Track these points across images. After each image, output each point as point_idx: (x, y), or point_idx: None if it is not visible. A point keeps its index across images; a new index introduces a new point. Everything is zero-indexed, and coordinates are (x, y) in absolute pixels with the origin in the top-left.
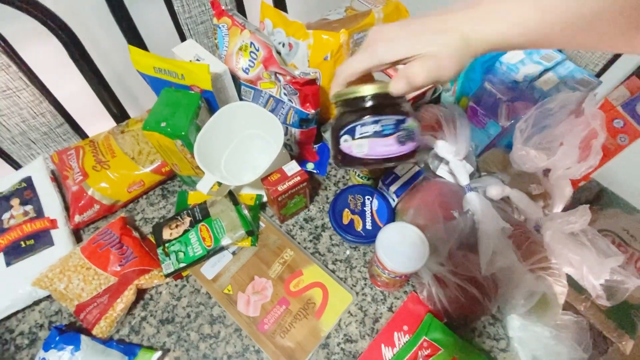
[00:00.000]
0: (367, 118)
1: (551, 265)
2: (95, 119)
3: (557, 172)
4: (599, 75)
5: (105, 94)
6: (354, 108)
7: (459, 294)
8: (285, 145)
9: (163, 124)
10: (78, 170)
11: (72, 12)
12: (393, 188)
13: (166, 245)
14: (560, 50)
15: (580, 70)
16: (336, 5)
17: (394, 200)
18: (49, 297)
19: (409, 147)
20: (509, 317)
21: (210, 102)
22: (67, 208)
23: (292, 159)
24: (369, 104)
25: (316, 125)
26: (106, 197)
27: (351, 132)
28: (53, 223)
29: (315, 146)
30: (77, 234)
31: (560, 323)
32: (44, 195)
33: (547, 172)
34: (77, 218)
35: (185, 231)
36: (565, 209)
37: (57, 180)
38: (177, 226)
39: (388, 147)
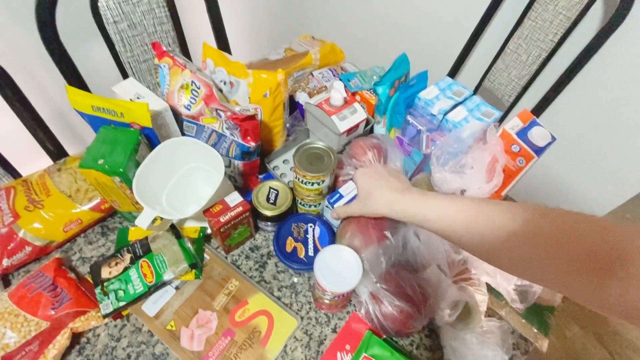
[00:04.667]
0: (268, 222)
1: (471, 276)
2: (31, 158)
3: (470, 192)
4: (513, 104)
5: (40, 133)
6: (261, 217)
7: (393, 309)
8: (229, 177)
9: (100, 161)
10: (8, 212)
11: (7, 54)
12: (337, 206)
13: (105, 284)
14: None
15: (485, 103)
16: (276, 46)
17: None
18: None
19: None
20: (442, 327)
21: (151, 139)
22: None
23: (236, 190)
24: (270, 217)
25: (259, 157)
26: (39, 238)
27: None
28: None
29: (260, 176)
30: (5, 279)
31: (486, 329)
32: None
33: (463, 192)
34: (6, 262)
35: (126, 268)
36: None
37: None
38: (116, 264)
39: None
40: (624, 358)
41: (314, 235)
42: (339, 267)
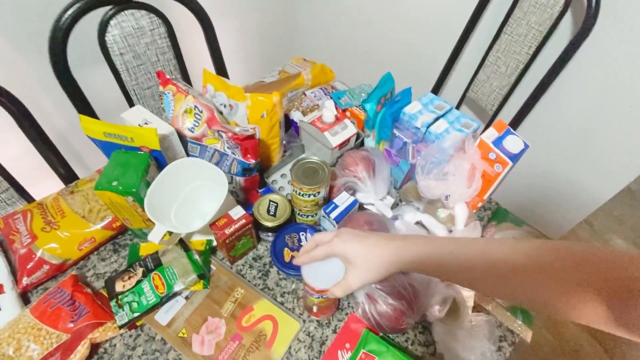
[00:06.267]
0: (269, 232)
1: None
2: (40, 181)
3: (454, 197)
4: (496, 113)
5: (52, 157)
6: (263, 229)
7: (387, 308)
8: (231, 192)
9: (114, 183)
10: (26, 233)
11: (18, 84)
12: (333, 215)
13: (119, 297)
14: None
15: (464, 115)
16: (270, 69)
17: (334, 225)
18: None
19: None
20: (434, 324)
21: (159, 160)
22: (13, 272)
23: (239, 204)
24: (271, 228)
25: (258, 173)
26: (56, 256)
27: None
28: None
29: (260, 190)
30: (24, 297)
31: (474, 323)
32: None
33: (447, 197)
34: (25, 280)
35: (138, 281)
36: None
37: (2, 245)
38: (129, 278)
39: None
40: (617, 353)
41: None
42: (325, 267)
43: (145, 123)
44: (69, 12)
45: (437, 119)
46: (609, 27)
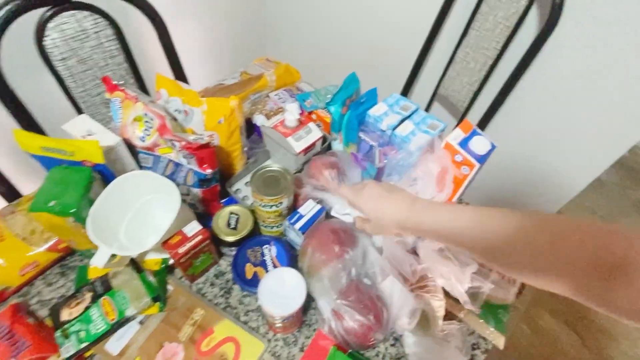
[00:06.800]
0: (231, 247)
1: (428, 283)
2: None
3: None
4: (468, 109)
5: None
6: (224, 243)
7: (354, 324)
8: (190, 204)
9: (52, 203)
10: None
11: None
12: (297, 226)
13: (65, 326)
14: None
15: (430, 116)
16: (232, 70)
17: (300, 236)
18: None
19: None
20: (404, 335)
21: (105, 174)
22: None
23: (199, 217)
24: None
25: (218, 183)
26: None
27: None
28: None
29: (222, 201)
30: None
31: (447, 332)
32: None
33: None
34: None
35: (87, 308)
36: None
37: None
38: (77, 304)
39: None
40: (592, 340)
41: (271, 256)
42: (284, 290)
43: (89, 134)
44: None
45: (402, 121)
46: (575, 21)
